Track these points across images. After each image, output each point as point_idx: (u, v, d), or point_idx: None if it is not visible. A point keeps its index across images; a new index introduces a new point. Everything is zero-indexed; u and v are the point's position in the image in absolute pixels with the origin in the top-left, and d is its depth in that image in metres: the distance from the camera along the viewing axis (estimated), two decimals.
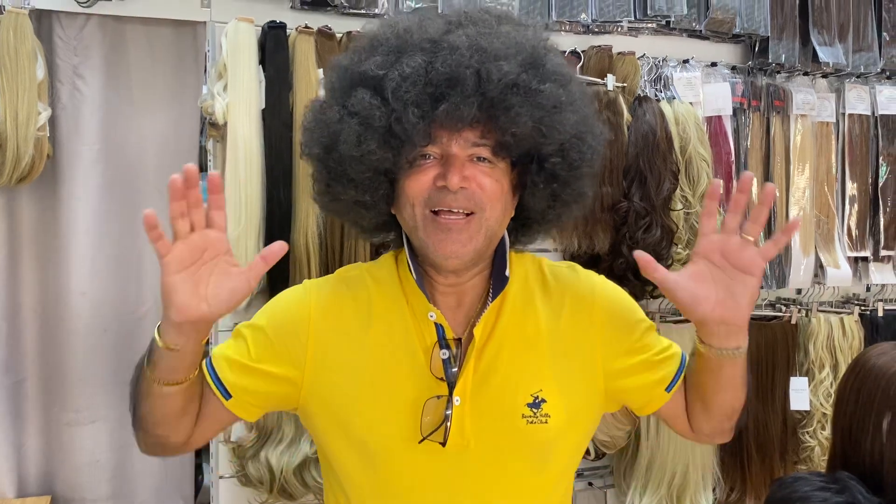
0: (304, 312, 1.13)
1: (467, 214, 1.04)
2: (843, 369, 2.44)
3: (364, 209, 1.11)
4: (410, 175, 1.05)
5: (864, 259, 2.74)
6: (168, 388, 1.02)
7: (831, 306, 2.66)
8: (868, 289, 2.80)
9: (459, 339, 1.10)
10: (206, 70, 2.11)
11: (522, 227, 1.18)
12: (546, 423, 1.09)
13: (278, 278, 2.00)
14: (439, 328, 1.09)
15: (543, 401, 1.09)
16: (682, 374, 1.18)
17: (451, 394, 1.06)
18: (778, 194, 2.57)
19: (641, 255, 1.02)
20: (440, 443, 1.05)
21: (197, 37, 2.14)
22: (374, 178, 1.06)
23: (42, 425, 2.13)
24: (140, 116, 2.14)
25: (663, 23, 2.44)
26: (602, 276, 1.22)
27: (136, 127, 2.14)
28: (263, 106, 2.00)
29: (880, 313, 2.64)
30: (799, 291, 2.68)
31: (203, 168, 2.23)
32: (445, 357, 1.07)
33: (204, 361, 1.12)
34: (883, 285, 2.76)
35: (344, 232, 2.08)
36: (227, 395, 1.11)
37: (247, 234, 1.96)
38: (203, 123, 2.13)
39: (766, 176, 2.56)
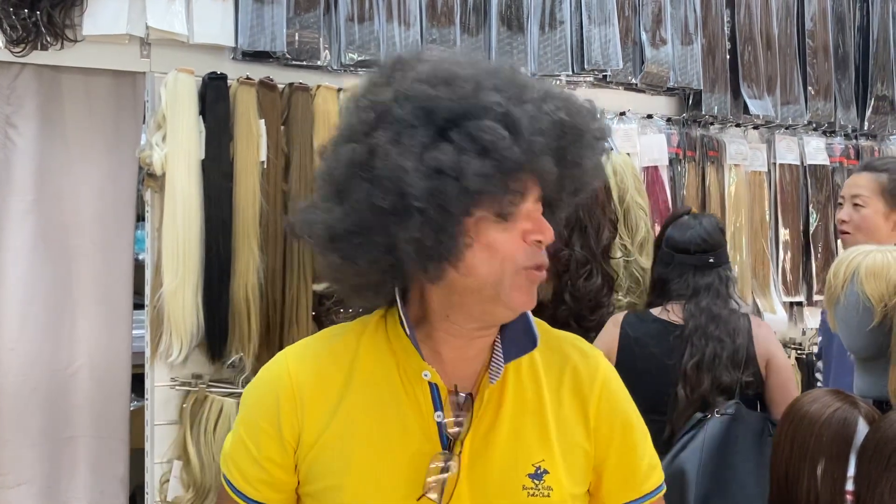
0: (284, 392, 1.04)
1: None
2: None
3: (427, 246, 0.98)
4: (501, 230, 0.98)
5: (799, 304, 2.82)
6: None
7: None
8: (803, 332, 2.87)
9: (456, 392, 1.04)
10: (144, 120, 2.08)
11: None
12: (548, 496, 1.02)
13: (217, 330, 1.96)
14: (433, 388, 1.03)
15: (546, 472, 1.03)
16: (652, 500, 1.09)
17: (448, 458, 1.00)
18: None
19: None
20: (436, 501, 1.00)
21: (136, 87, 2.12)
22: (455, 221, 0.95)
23: None
24: (76, 167, 2.09)
25: (600, 76, 2.51)
26: (608, 363, 1.16)
27: (71, 177, 2.08)
28: (203, 156, 1.98)
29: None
30: None
31: (141, 218, 2.19)
32: (440, 420, 1.02)
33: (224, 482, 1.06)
34: (817, 329, 2.84)
35: (285, 283, 2.05)
36: None
37: (184, 286, 1.92)
38: (141, 174, 2.10)
39: None
